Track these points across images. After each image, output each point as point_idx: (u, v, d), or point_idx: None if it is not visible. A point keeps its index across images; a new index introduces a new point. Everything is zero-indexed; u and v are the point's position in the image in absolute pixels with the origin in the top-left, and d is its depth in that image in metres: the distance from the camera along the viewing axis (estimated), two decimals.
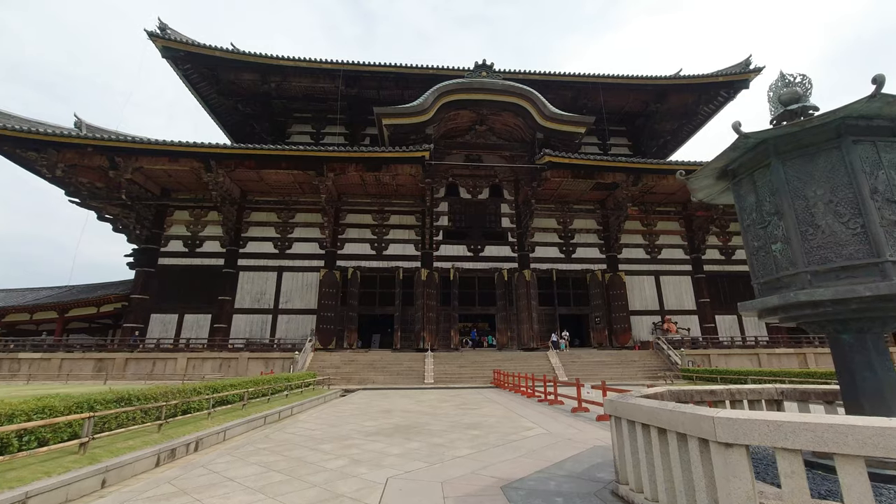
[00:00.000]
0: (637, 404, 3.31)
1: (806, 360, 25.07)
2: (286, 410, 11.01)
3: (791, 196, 3.51)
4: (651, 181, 27.19)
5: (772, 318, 3.86)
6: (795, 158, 3.56)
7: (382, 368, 22.49)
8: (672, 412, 2.87)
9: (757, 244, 3.89)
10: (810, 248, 3.37)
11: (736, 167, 4.07)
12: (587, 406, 9.78)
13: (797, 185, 3.51)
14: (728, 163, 4.02)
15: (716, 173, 4.27)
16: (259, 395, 11.55)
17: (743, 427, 2.34)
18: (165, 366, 22.08)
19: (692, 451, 2.70)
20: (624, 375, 22.30)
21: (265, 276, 28.14)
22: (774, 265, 3.65)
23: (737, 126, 3.64)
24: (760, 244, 3.83)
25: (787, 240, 3.49)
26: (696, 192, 4.66)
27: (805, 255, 3.38)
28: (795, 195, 3.50)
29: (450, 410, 10.91)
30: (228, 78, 32.80)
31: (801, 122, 3.39)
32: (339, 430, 7.88)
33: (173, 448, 6.21)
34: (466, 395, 15.47)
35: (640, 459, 3.34)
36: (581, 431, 7.26)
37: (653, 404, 3.17)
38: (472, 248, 29.59)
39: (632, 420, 3.48)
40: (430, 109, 25.88)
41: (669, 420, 2.89)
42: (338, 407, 12.38)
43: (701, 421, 2.57)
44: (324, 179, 25.64)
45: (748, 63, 34.19)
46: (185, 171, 25.60)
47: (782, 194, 3.54)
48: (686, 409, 2.78)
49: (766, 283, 3.78)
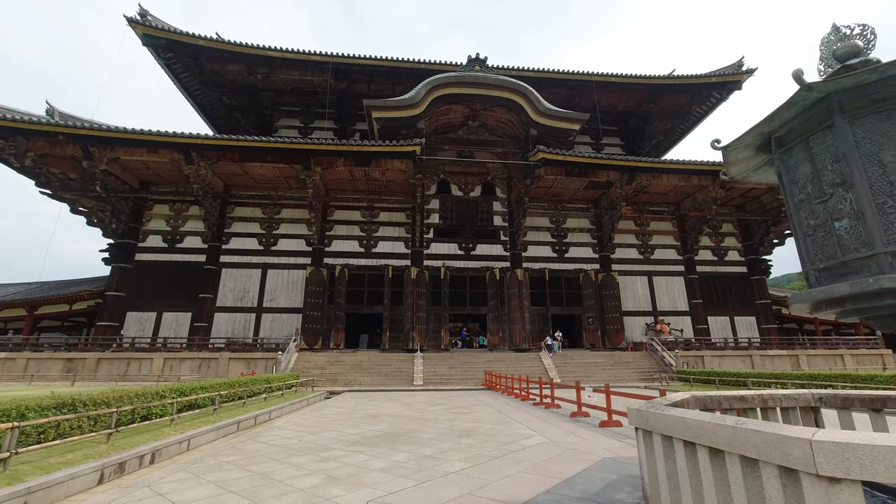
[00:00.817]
0: (681, 417, 2.62)
1: (798, 362, 24.89)
2: (263, 415, 10.17)
3: (863, 162, 2.87)
4: (645, 180, 26.83)
5: (832, 310, 3.22)
6: (867, 116, 2.92)
7: (370, 369, 21.66)
8: (736, 429, 2.19)
9: (813, 223, 3.24)
10: (890, 223, 2.74)
11: (784, 133, 3.42)
12: (587, 410, 9.14)
13: (870, 148, 2.88)
14: (777, 127, 3.37)
15: (758, 142, 3.62)
16: (234, 398, 10.69)
17: (861, 455, 1.66)
18: (140, 366, 20.95)
19: (769, 484, 2.02)
20: (618, 377, 21.80)
21: (249, 274, 27.10)
22: (839, 247, 3.00)
23: (798, 74, 2.99)
24: (819, 222, 3.18)
25: (859, 215, 2.85)
26: (731, 167, 4.00)
27: (884, 233, 2.74)
28: (868, 160, 2.86)
29: (440, 415, 10.18)
30: (213, 69, 31.65)
31: (882, 67, 2.76)
32: (319, 439, 7.11)
33: (122, 461, 5.38)
34: (457, 398, 14.76)
35: (681, 489, 2.66)
36: (585, 440, 6.60)
37: (703, 417, 2.49)
38: (464, 247, 28.92)
39: (668, 436, 2.81)
40: (422, 103, 25.15)
41: (732, 440, 2.21)
42: (320, 411, 11.57)
43: (789, 444, 1.88)
44: (311, 174, 24.72)
45: (741, 64, 34.17)
46: (165, 163, 24.48)
47: (851, 160, 2.90)
48: (761, 426, 2.10)
49: (826, 268, 3.13)
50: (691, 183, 27.21)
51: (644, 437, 3.11)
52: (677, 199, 30.56)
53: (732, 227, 32.09)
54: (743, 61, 34.17)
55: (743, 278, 30.77)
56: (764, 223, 30.49)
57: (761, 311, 29.72)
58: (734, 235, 31.96)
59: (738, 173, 4.07)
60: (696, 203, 29.37)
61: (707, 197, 27.82)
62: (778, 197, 27.76)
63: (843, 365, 25.10)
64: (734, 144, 3.64)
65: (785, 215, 30.09)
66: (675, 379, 20.13)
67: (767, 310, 29.70)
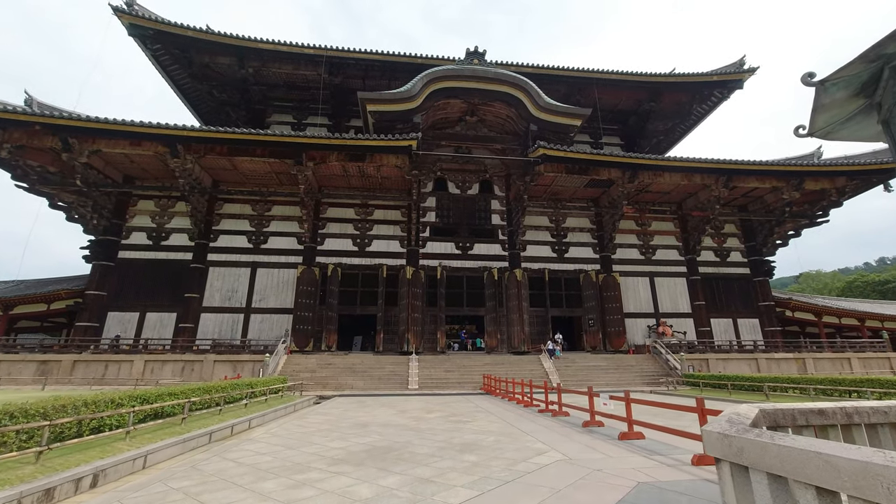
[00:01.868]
0: (815, 452, 1.71)
1: (805, 366, 24.18)
2: (242, 424, 9.18)
3: None
4: (647, 178, 26.08)
5: None
6: None
7: (362, 373, 20.65)
8: None
9: None
10: None
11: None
12: (601, 419, 8.24)
13: None
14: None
15: (865, 76, 2.75)
16: (210, 405, 9.68)
17: None
18: (119, 369, 19.81)
19: None
20: (621, 381, 20.96)
21: (237, 273, 26.03)
22: None
23: None
24: None
25: None
26: (819, 115, 3.13)
27: None
28: None
29: (438, 424, 9.24)
30: (202, 61, 30.60)
31: None
32: (296, 455, 6.14)
33: (49, 487, 4.39)
34: (455, 404, 13.81)
35: None
36: (609, 457, 5.69)
37: (868, 456, 1.58)
38: (461, 246, 28.02)
39: (783, 477, 1.90)
40: (419, 96, 24.28)
41: None
42: (306, 419, 10.58)
43: None
44: (302, 169, 23.74)
45: (742, 63, 33.61)
46: (149, 157, 23.43)
47: None
48: None
49: None
50: (694, 182, 26.49)
51: (734, 476, 2.20)
52: (679, 198, 29.88)
53: (735, 228, 31.46)
54: (745, 60, 33.60)
55: (746, 279, 30.10)
56: (767, 224, 29.85)
57: (764, 312, 29.03)
58: (736, 236, 31.32)
59: (824, 125, 3.19)
60: (698, 203, 28.69)
61: (710, 196, 27.13)
62: (782, 197, 27.16)
63: (850, 368, 24.43)
64: (834, 78, 2.76)
65: (789, 215, 29.65)
66: (682, 383, 19.29)
67: (771, 312, 29.03)
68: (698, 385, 17.55)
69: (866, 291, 51.08)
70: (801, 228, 29.67)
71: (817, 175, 26.39)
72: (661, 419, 9.08)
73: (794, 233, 30.06)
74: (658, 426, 6.59)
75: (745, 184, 26.79)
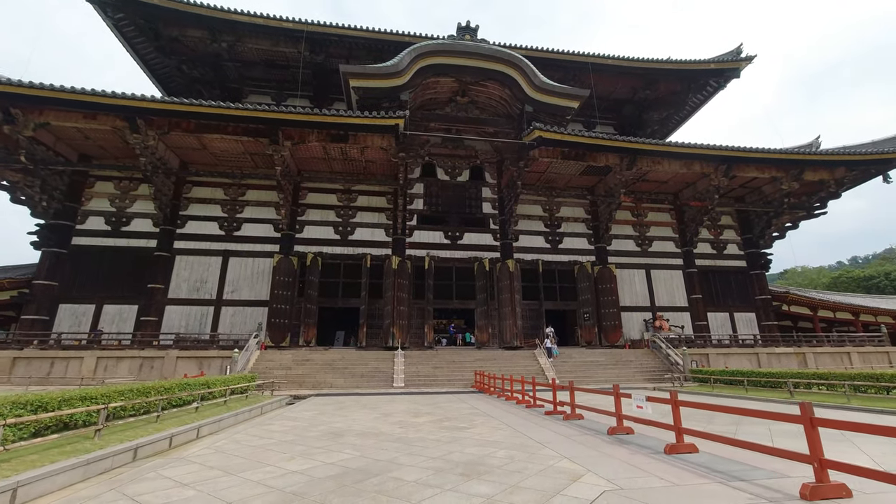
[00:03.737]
0: None
1: (805, 360, 23.38)
2: (186, 433, 7.39)
3: None
4: (646, 166, 24.85)
5: None
6: None
7: (343, 369, 18.88)
8: None
9: None
10: None
11: None
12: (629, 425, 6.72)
13: None
14: None
15: None
16: (147, 409, 7.85)
17: None
18: (67, 367, 17.61)
19: None
20: (621, 377, 19.69)
21: (207, 262, 23.89)
22: None
23: None
24: None
25: None
26: None
27: None
28: None
29: (429, 432, 7.60)
30: (171, 34, 28.13)
31: None
32: (233, 489, 4.40)
33: None
34: (447, 405, 12.21)
35: None
36: (673, 484, 4.12)
37: None
38: (450, 235, 26.39)
39: None
40: (406, 72, 22.50)
41: None
42: (269, 425, 8.82)
43: None
44: (279, 148, 21.74)
45: (739, 51, 32.68)
46: (107, 133, 21.10)
47: None
48: None
49: None
50: (693, 170, 25.37)
51: None
52: (676, 188, 28.84)
53: (731, 220, 30.61)
54: (742, 48, 32.70)
55: (742, 273, 29.27)
56: (765, 215, 29.01)
57: (761, 306, 28.24)
58: (733, 228, 30.47)
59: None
60: (696, 193, 27.67)
61: (709, 185, 26.09)
62: (781, 188, 26.30)
63: (850, 363, 23.74)
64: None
65: (787, 207, 28.92)
66: (688, 379, 18.07)
67: (768, 306, 28.25)
68: (707, 381, 16.31)
69: (851, 287, 51.39)
70: (799, 220, 28.95)
71: (817, 165, 25.57)
72: (704, 424, 7.62)
73: (791, 225, 29.35)
74: (714, 436, 5.12)
75: (745, 173, 25.82)
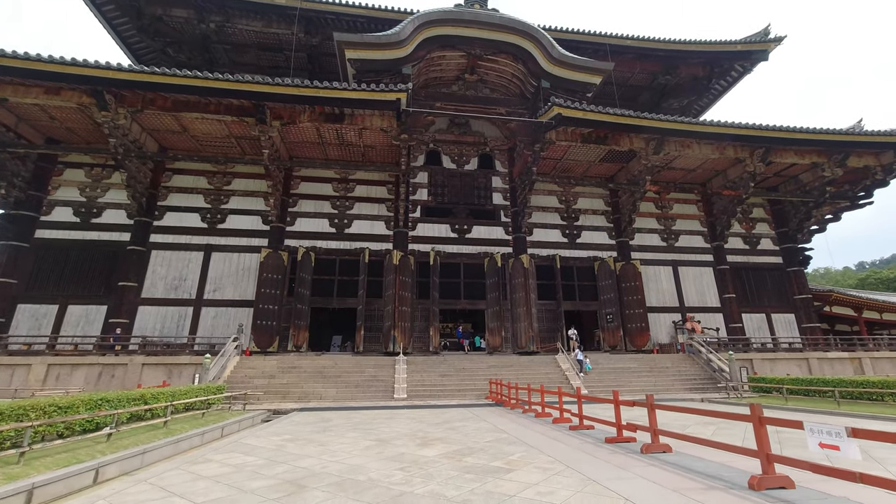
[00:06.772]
0: None
1: (861, 367, 20.62)
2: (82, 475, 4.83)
3: None
4: (674, 150, 22.35)
5: None
6: None
7: (335, 378, 16.26)
8: None
9: None
10: None
11: None
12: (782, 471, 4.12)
13: None
14: None
15: None
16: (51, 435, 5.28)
17: None
18: (12, 375, 15.07)
19: None
20: (658, 386, 17.00)
21: (187, 257, 21.42)
22: None
23: None
24: None
25: None
26: None
27: None
28: None
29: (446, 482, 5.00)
30: (154, 13, 26.01)
31: None
32: None
33: None
34: (462, 424, 9.59)
35: None
36: None
37: None
38: (457, 229, 23.88)
39: None
40: (409, 42, 20.18)
41: None
42: (202, 465, 6.16)
43: None
44: (267, 129, 19.38)
45: (767, 32, 30.27)
46: (73, 111, 18.80)
47: None
48: None
49: None
50: (726, 155, 22.81)
51: None
52: (704, 177, 26.28)
53: (764, 212, 27.97)
54: (769, 29, 30.30)
55: (779, 270, 26.57)
56: (803, 206, 26.34)
57: (801, 307, 25.50)
58: (766, 221, 27.83)
59: None
60: (727, 181, 25.11)
61: (743, 173, 23.55)
62: (822, 175, 23.67)
63: None
64: None
65: (829, 196, 26.27)
66: (746, 388, 15.33)
67: (808, 306, 25.51)
68: (771, 392, 13.59)
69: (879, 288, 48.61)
70: (842, 212, 26.30)
71: (865, 147, 22.97)
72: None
73: (832, 217, 26.70)
74: None
75: (783, 159, 23.23)
